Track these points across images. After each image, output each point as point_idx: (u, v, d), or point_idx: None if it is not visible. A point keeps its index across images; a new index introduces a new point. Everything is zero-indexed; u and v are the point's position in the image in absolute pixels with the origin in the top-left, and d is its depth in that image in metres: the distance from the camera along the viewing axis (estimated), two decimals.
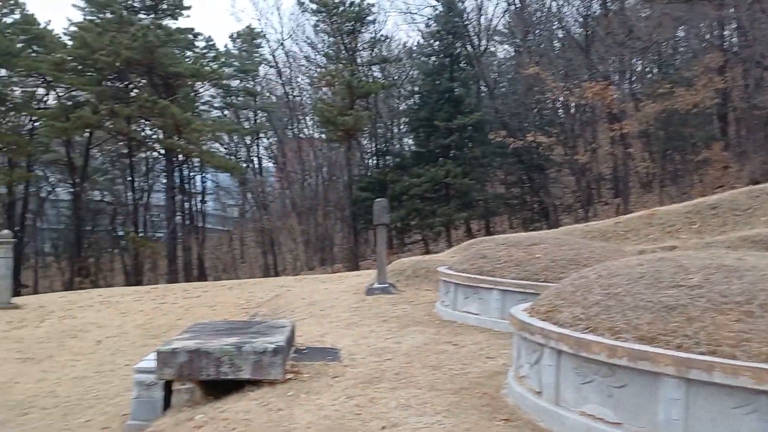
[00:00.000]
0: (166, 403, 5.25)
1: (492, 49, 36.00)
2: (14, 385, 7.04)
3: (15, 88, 32.85)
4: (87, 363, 8.03)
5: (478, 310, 7.75)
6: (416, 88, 32.60)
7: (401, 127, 36.60)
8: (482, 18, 33.61)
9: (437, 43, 30.52)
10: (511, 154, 28.60)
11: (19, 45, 31.21)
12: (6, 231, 14.69)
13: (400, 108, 36.03)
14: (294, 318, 8.38)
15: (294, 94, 39.09)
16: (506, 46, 36.78)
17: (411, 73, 35.54)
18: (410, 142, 34.91)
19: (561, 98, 26.74)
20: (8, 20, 31.74)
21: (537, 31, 31.53)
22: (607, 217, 18.21)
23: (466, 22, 32.02)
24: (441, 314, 8.40)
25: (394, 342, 6.85)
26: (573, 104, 28.27)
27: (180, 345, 5.21)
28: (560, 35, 30.95)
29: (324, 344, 6.80)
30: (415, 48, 36.08)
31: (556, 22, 30.47)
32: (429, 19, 32.48)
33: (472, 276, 7.88)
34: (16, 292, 18.44)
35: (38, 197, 37.11)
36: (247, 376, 5.15)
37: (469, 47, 31.95)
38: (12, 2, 31.96)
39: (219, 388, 5.15)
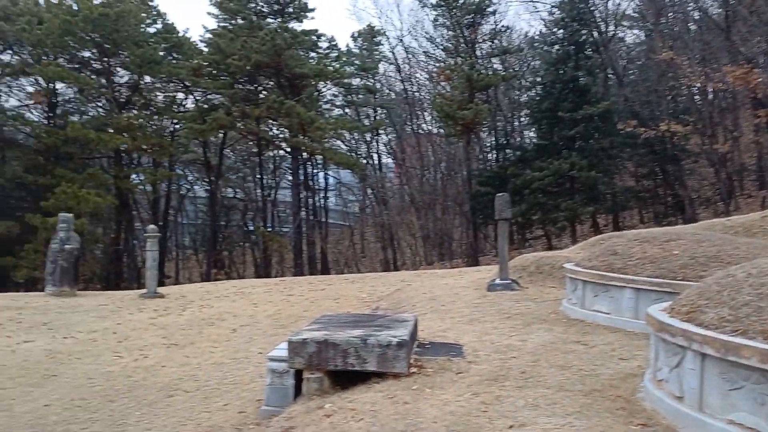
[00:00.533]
0: (297, 391, 5.44)
1: (620, 34, 34.28)
2: (161, 369, 7.61)
3: (158, 94, 35.61)
4: (224, 350, 8.53)
5: (609, 309, 7.40)
6: (539, 79, 31.69)
7: (522, 119, 35.76)
8: (609, 2, 32.07)
9: (561, 31, 29.47)
10: (642, 144, 27.10)
11: (161, 53, 33.68)
12: (152, 226, 15.99)
13: (522, 100, 35.21)
14: (415, 312, 8.43)
15: (413, 89, 39.41)
16: (636, 31, 34.86)
17: (533, 63, 34.62)
18: (532, 134, 34.05)
19: (698, 84, 24.89)
20: (151, 30, 34.38)
21: (670, 14, 29.58)
22: (752, 211, 16.75)
23: (592, 8, 30.67)
24: (567, 312, 8.11)
25: (519, 340, 6.70)
26: (711, 90, 26.24)
27: (309, 336, 5.40)
28: (696, 17, 28.82)
29: (446, 339, 6.78)
30: (537, 37, 35.12)
31: (692, 3, 28.41)
32: (552, 6, 31.47)
33: (603, 273, 7.52)
34: (161, 283, 19.99)
35: (179, 194, 40.00)
36: (372, 368, 5.24)
37: (595, 34, 30.59)
38: (155, 13, 34.61)
39: (345, 379, 5.27)
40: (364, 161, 39.62)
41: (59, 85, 33.03)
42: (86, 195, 27.81)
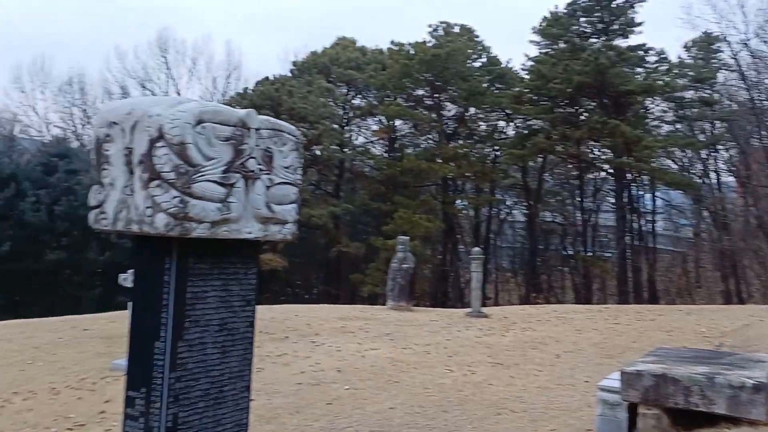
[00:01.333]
0: (631, 425, 5.13)
1: None
2: (488, 386, 7.88)
3: (481, 123, 37.63)
4: (548, 374, 8.47)
5: None
6: None
7: None
8: None
9: None
10: None
11: (485, 85, 35.55)
12: (477, 248, 16.86)
13: None
14: None
15: (760, 98, 34.33)
16: None
17: None
18: None
19: None
20: (477, 64, 36.56)
21: None
22: None
23: None
24: None
25: None
26: None
27: (644, 368, 5.05)
28: None
29: None
30: None
31: None
32: None
33: None
34: (482, 303, 20.84)
35: (498, 218, 41.39)
36: (720, 411, 4.65)
37: None
38: (480, 48, 36.75)
39: (687, 419, 4.78)
40: (699, 180, 35.83)
41: (397, 122, 37.32)
42: (419, 220, 30.63)
